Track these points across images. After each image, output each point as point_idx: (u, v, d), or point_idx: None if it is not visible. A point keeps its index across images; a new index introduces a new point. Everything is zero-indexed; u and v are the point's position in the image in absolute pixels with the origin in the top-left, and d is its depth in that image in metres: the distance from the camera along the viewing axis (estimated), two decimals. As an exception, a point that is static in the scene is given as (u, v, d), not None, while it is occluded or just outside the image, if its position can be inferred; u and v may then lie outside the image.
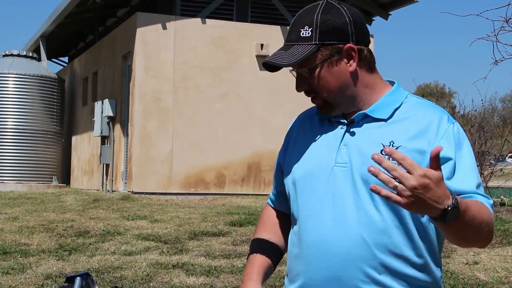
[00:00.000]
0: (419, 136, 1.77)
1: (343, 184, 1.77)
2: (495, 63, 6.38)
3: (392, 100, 1.85)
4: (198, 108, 13.06)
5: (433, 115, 1.81)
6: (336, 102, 1.83)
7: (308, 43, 1.78)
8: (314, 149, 1.86)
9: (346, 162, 1.79)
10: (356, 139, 1.80)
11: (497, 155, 11.78)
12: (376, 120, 1.82)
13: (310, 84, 1.82)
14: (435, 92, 62.98)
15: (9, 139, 16.23)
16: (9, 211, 9.84)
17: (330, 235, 1.75)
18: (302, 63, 1.79)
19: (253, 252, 1.98)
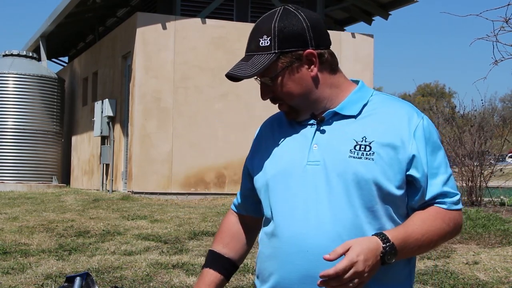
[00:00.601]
0: (390, 131, 1.79)
1: (317, 182, 1.78)
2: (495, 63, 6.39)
3: (359, 97, 1.87)
4: (198, 108, 13.06)
5: (402, 110, 1.84)
6: (301, 107, 1.86)
7: (267, 52, 1.80)
8: (285, 149, 1.87)
9: (318, 160, 1.80)
10: (327, 137, 1.82)
11: (497, 155, 11.78)
12: (345, 117, 1.84)
13: (274, 92, 1.85)
14: (435, 92, 62.97)
15: (9, 139, 16.24)
16: (9, 211, 9.84)
17: (305, 232, 1.76)
18: (263, 72, 1.82)
19: (206, 266, 2.05)
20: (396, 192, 1.77)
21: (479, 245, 6.72)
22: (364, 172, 1.75)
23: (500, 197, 10.89)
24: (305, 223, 1.76)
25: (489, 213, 8.91)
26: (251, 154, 2.01)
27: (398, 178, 1.77)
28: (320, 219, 1.75)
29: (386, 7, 15.81)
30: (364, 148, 1.77)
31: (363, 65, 14.57)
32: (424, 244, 1.75)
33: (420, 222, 1.76)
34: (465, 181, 11.01)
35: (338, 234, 1.74)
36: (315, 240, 1.74)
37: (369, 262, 1.63)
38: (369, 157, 1.76)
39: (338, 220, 1.75)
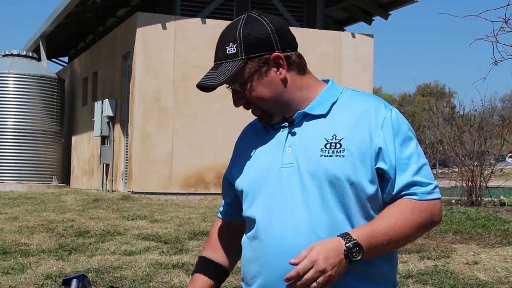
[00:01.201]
0: (358, 126, 1.81)
1: (291, 184, 1.81)
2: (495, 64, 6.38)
3: (328, 96, 1.89)
4: (198, 108, 13.06)
5: (369, 104, 1.85)
6: (274, 110, 1.88)
7: (235, 59, 1.84)
8: (261, 155, 1.90)
9: (292, 162, 1.83)
10: (299, 138, 1.85)
11: (497, 155, 11.78)
12: (315, 117, 1.86)
13: (245, 98, 1.89)
14: (435, 92, 62.97)
15: (9, 139, 16.24)
16: (9, 211, 9.84)
17: (283, 234, 1.78)
18: (232, 79, 1.84)
19: (196, 271, 2.05)
20: (369, 187, 1.79)
21: (479, 245, 6.72)
22: (335, 169, 1.77)
23: (500, 197, 10.89)
24: (283, 225, 1.79)
25: (489, 213, 8.91)
26: (231, 162, 2.04)
27: (370, 173, 1.78)
28: (296, 219, 1.78)
29: (386, 7, 15.81)
30: (334, 146, 1.79)
31: (363, 65, 14.57)
32: (394, 237, 1.73)
33: (388, 216, 1.75)
34: (465, 181, 11.00)
35: (315, 234, 1.76)
36: (293, 240, 1.77)
37: (331, 261, 1.65)
38: (340, 155, 1.78)
39: (314, 220, 1.77)
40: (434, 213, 1.80)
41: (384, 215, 1.76)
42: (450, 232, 7.34)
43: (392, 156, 1.79)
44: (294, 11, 15.12)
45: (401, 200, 1.79)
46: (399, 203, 1.79)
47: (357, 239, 1.68)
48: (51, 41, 18.81)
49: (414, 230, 1.77)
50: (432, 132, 12.87)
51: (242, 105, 1.92)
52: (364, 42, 14.65)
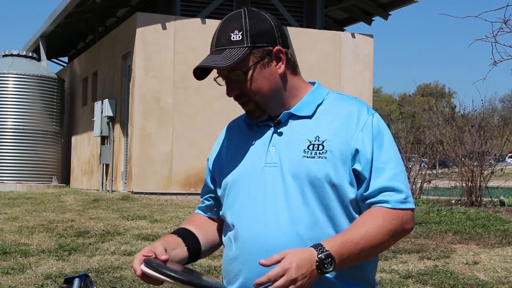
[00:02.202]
0: (341, 129, 1.83)
1: (274, 183, 1.82)
2: (494, 64, 6.39)
3: (314, 98, 1.91)
4: (198, 108, 13.06)
5: (352, 107, 1.87)
6: (267, 105, 1.87)
7: (240, 46, 1.82)
8: (244, 153, 1.90)
9: (275, 162, 1.83)
10: (283, 138, 1.86)
11: (497, 155, 11.78)
12: (300, 118, 1.87)
13: (241, 88, 1.86)
14: (435, 92, 62.97)
15: (9, 139, 16.23)
16: (9, 211, 9.84)
17: (264, 233, 1.79)
18: (235, 66, 1.82)
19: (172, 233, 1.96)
20: (349, 188, 1.80)
21: (479, 245, 6.72)
22: (317, 170, 1.78)
23: (500, 197, 10.89)
24: (265, 224, 1.80)
25: (489, 213, 8.91)
26: (214, 158, 2.04)
27: (351, 175, 1.81)
28: (278, 219, 1.79)
29: (386, 7, 15.81)
30: (317, 147, 1.81)
31: (363, 65, 14.57)
32: (366, 246, 1.73)
33: (360, 225, 1.75)
34: (465, 181, 11.01)
35: (296, 233, 1.77)
36: (274, 240, 1.77)
37: (303, 271, 1.64)
38: (322, 156, 1.80)
39: (296, 220, 1.78)
40: (406, 220, 1.79)
41: (356, 224, 1.77)
42: (450, 232, 7.34)
43: (369, 158, 1.80)
44: (294, 11, 15.12)
45: (373, 208, 1.79)
46: (371, 211, 1.79)
47: (329, 250, 1.68)
48: (51, 41, 18.81)
49: (386, 238, 1.76)
50: (432, 132, 12.86)
51: (234, 96, 1.89)
52: (364, 42, 14.64)
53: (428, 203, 10.69)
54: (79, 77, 18.00)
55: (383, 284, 5.23)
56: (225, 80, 1.89)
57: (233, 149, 1.96)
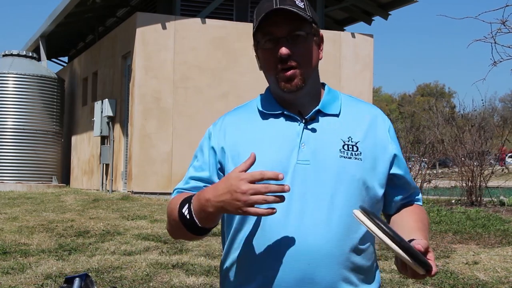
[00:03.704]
0: (371, 131, 1.83)
1: (308, 182, 1.74)
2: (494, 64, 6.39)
3: (334, 96, 1.88)
4: (198, 108, 13.06)
5: (374, 111, 1.90)
6: (308, 81, 1.80)
7: (305, 12, 1.77)
8: (268, 147, 1.78)
9: (308, 159, 1.76)
10: (314, 135, 1.79)
11: (497, 155, 11.78)
12: (329, 116, 1.84)
13: (294, 52, 1.76)
14: (435, 92, 62.96)
15: (9, 139, 16.23)
16: (9, 211, 9.84)
17: (300, 233, 1.71)
18: (300, 25, 1.76)
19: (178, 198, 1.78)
20: (380, 191, 1.82)
21: (479, 245, 6.72)
22: (355, 172, 1.76)
23: (500, 197, 10.89)
24: (300, 224, 1.72)
25: (489, 213, 8.91)
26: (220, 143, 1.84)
27: (381, 177, 1.81)
28: (314, 220, 1.72)
29: (386, 7, 15.81)
30: (351, 148, 1.79)
31: (363, 65, 14.57)
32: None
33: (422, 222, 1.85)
34: (465, 181, 11.01)
35: (332, 234, 1.72)
36: (310, 241, 1.71)
37: None
38: (358, 157, 1.78)
39: (331, 220, 1.73)
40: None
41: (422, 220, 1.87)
42: (450, 232, 7.34)
43: (404, 162, 1.88)
44: (294, 11, 15.10)
45: (417, 206, 1.93)
46: (420, 209, 1.92)
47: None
48: (51, 41, 18.81)
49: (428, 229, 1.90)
50: (432, 132, 12.86)
51: (286, 55, 1.74)
52: (364, 42, 14.64)
53: (428, 203, 10.69)
54: (79, 77, 18.00)
55: (383, 284, 5.23)
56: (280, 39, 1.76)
57: (251, 141, 1.81)
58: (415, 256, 1.55)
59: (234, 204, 1.58)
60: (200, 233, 1.73)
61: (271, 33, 1.77)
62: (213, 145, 1.87)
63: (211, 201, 1.62)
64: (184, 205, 1.72)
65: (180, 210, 1.72)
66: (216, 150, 1.86)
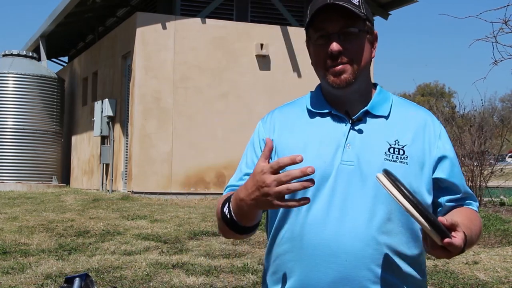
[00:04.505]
0: (419, 135, 1.80)
1: (350, 183, 1.72)
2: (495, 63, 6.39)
3: (384, 97, 1.85)
4: (198, 108, 13.06)
5: (426, 115, 1.86)
6: (358, 78, 1.77)
7: (359, 10, 1.76)
8: (315, 145, 1.77)
9: (352, 160, 1.74)
10: (360, 137, 1.77)
11: (496, 155, 11.78)
12: (376, 117, 1.80)
13: (346, 48, 1.75)
14: (435, 92, 62.95)
15: (9, 139, 16.24)
16: (9, 211, 9.84)
17: (339, 234, 1.70)
18: (353, 22, 1.75)
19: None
20: (428, 197, 1.78)
21: (479, 245, 6.72)
22: (400, 176, 1.68)
23: (500, 197, 10.89)
24: (340, 225, 1.70)
25: (489, 213, 8.91)
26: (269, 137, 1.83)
27: (427, 182, 1.78)
28: (355, 221, 1.70)
29: (386, 7, 15.81)
30: (398, 151, 1.75)
31: (363, 65, 14.56)
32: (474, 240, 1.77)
33: (471, 221, 1.78)
34: (465, 181, 11.01)
35: (372, 237, 1.70)
36: (349, 242, 1.69)
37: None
38: (404, 161, 1.74)
39: (372, 223, 1.71)
40: (481, 223, 1.88)
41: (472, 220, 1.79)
42: (450, 232, 7.33)
43: (455, 163, 1.83)
44: (294, 11, 15.11)
45: (469, 209, 1.85)
46: (472, 212, 1.84)
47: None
48: (51, 41, 18.81)
49: (479, 235, 1.84)
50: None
51: (336, 52, 1.73)
52: (364, 42, 14.63)
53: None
54: (79, 77, 18.00)
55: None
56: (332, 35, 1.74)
57: (296, 139, 1.79)
58: (433, 223, 1.52)
59: (264, 200, 1.56)
60: (244, 231, 1.73)
61: (323, 28, 1.76)
62: (263, 138, 1.87)
63: (245, 200, 1.61)
64: (225, 204, 1.72)
65: (222, 210, 1.73)
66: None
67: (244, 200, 1.61)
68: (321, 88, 1.88)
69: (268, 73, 13.50)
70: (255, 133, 1.91)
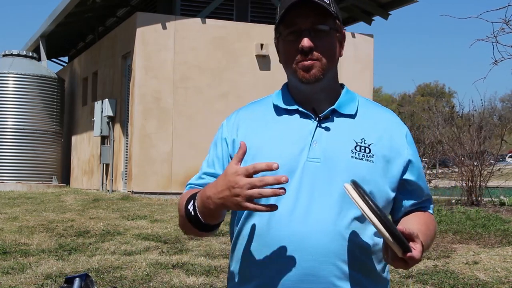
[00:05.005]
0: (385, 136, 1.82)
1: (317, 180, 1.73)
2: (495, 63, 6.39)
3: (351, 97, 1.87)
4: (198, 108, 13.06)
5: (393, 117, 1.89)
6: (326, 75, 1.79)
7: (330, 7, 1.77)
8: (283, 142, 1.78)
9: (318, 157, 1.75)
10: (327, 134, 1.78)
11: (496, 155, 11.78)
12: (344, 116, 1.82)
13: (316, 45, 1.76)
14: (435, 92, 62.96)
15: (9, 139, 16.24)
16: (9, 211, 9.84)
17: (306, 231, 1.70)
18: (324, 19, 1.77)
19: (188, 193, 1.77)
20: (391, 194, 1.81)
21: (479, 245, 6.72)
22: (366, 173, 1.74)
23: (500, 197, 10.89)
24: (306, 221, 1.71)
25: (489, 213, 8.91)
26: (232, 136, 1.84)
27: (393, 181, 1.81)
28: (321, 217, 1.71)
29: (386, 7, 15.81)
30: (364, 149, 1.77)
31: (363, 65, 14.57)
32: (427, 247, 1.81)
33: (426, 226, 1.82)
34: (465, 181, 11.01)
35: (339, 233, 1.71)
36: (315, 238, 1.70)
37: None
38: (370, 159, 1.77)
39: (338, 220, 1.72)
40: (436, 227, 1.95)
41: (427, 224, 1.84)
42: (450, 232, 7.34)
43: (420, 168, 1.87)
44: (294, 11, 15.11)
45: (427, 213, 1.90)
46: (428, 216, 1.90)
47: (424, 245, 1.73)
48: (51, 41, 18.81)
49: (434, 239, 1.91)
50: (432, 132, 12.87)
51: (308, 48, 1.74)
52: (364, 42, 14.64)
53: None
54: (79, 77, 18.00)
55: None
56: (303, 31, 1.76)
57: (263, 136, 1.80)
58: (397, 238, 1.55)
59: (233, 200, 1.58)
60: (206, 229, 1.73)
61: (294, 24, 1.77)
62: (225, 137, 1.87)
63: (212, 198, 1.63)
64: (189, 201, 1.73)
65: (186, 207, 1.73)
66: (228, 143, 1.86)
67: (212, 198, 1.63)
68: (288, 86, 1.90)
69: (268, 73, 13.51)
70: (218, 132, 1.92)
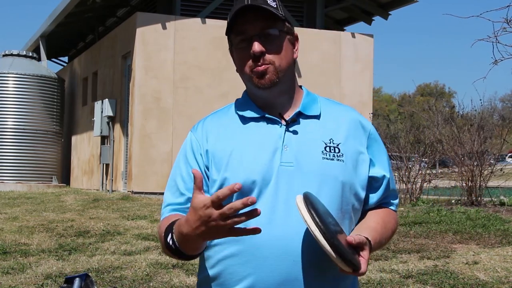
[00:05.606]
0: (351, 135, 1.83)
1: (292, 184, 1.73)
2: (495, 63, 6.38)
3: (313, 98, 1.88)
4: (198, 108, 13.06)
5: (353, 114, 1.89)
6: (282, 78, 1.79)
7: (277, 11, 1.77)
8: (253, 150, 1.77)
9: (291, 161, 1.75)
10: (296, 137, 1.79)
11: (496, 155, 11.77)
12: (309, 118, 1.83)
13: (268, 49, 1.76)
14: (434, 92, 62.96)
15: (9, 139, 16.24)
16: (9, 211, 9.84)
17: (285, 235, 1.70)
18: (273, 23, 1.77)
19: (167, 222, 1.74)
20: (362, 192, 1.82)
21: (479, 245, 6.72)
22: (338, 173, 1.76)
23: (500, 197, 10.89)
24: (286, 226, 1.71)
25: (489, 213, 8.91)
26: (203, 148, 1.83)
27: (363, 179, 1.82)
28: (299, 221, 1.67)
29: (386, 7, 15.81)
30: (333, 149, 1.79)
31: (363, 65, 14.57)
32: (383, 243, 1.83)
33: (382, 224, 1.82)
34: (465, 181, 11.01)
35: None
36: (296, 243, 1.70)
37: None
38: (340, 159, 1.78)
39: None
40: (397, 222, 1.96)
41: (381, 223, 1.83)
42: (450, 232, 7.34)
43: (384, 166, 1.87)
44: (294, 11, 15.12)
45: (387, 210, 1.90)
46: (388, 213, 1.90)
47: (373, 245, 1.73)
48: (51, 41, 18.81)
49: (391, 238, 1.90)
50: (432, 132, 12.86)
51: (259, 53, 1.75)
52: (364, 42, 14.64)
53: (428, 203, 10.69)
54: (79, 77, 18.00)
55: (383, 284, 5.23)
56: (253, 37, 1.76)
57: (233, 145, 1.79)
58: (342, 254, 1.54)
59: (215, 234, 1.54)
60: (191, 257, 1.71)
61: (243, 31, 1.78)
62: (195, 150, 1.85)
63: (189, 235, 1.58)
64: (168, 234, 1.69)
65: (166, 240, 1.69)
66: (202, 154, 1.84)
67: (189, 235, 1.57)
68: (248, 93, 1.91)
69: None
70: (186, 144, 1.88)
